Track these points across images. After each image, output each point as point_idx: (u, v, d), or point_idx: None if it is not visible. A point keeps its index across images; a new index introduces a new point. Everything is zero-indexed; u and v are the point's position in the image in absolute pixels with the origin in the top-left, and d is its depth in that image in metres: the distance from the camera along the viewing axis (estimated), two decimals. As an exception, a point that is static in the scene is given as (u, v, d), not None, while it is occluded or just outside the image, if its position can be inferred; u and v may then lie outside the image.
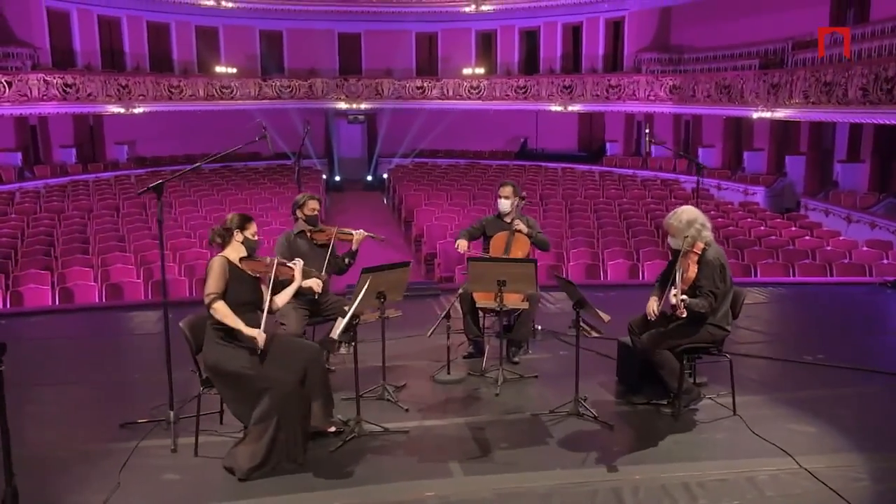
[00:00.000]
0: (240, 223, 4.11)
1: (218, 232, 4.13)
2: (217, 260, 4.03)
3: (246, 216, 4.17)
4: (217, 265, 4.00)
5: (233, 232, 4.09)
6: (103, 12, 20.72)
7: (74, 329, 7.27)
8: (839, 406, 4.79)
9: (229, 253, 4.09)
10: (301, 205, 5.43)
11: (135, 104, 19.38)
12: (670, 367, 4.56)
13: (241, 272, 4.07)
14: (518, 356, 5.83)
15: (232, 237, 4.10)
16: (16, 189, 17.48)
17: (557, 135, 24.20)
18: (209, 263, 4.05)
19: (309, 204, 5.42)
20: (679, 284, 4.31)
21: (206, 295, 3.95)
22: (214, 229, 4.15)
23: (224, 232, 4.11)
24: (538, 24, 24.01)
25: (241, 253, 4.11)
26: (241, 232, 4.10)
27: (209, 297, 3.93)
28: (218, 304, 3.93)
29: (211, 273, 3.99)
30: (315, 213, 5.43)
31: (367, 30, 24.72)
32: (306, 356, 4.16)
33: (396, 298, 4.90)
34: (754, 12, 18.55)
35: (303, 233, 5.43)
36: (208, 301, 3.93)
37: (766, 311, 7.66)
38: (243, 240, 4.11)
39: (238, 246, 4.11)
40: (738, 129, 19.92)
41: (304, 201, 5.43)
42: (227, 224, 4.12)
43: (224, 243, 4.11)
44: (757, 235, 12.24)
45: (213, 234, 4.16)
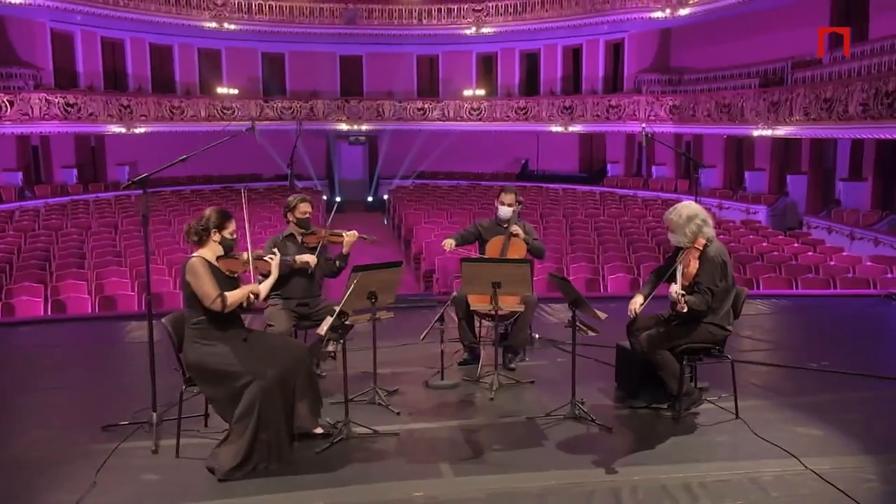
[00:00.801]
0: (218, 222, 3.95)
1: (195, 230, 3.96)
2: (196, 261, 3.87)
3: (225, 213, 4.02)
4: (200, 266, 3.85)
5: (210, 232, 3.94)
6: (107, 34, 20.89)
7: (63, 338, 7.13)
8: (846, 410, 4.63)
9: (205, 252, 3.93)
10: (292, 207, 5.28)
11: (136, 124, 19.44)
12: (670, 368, 4.42)
13: (219, 272, 3.93)
14: (514, 363, 5.69)
15: (209, 237, 3.95)
16: (15, 208, 17.47)
17: (558, 156, 24.22)
18: (188, 266, 3.86)
19: (300, 207, 5.27)
20: (680, 280, 4.18)
21: (211, 301, 3.79)
22: (192, 226, 3.98)
23: (201, 230, 3.95)
24: (538, 47, 24.16)
25: (217, 252, 3.97)
26: (218, 232, 3.95)
27: (217, 301, 3.80)
28: (229, 300, 3.84)
29: (199, 277, 3.82)
30: (306, 215, 5.28)
31: (368, 52, 24.89)
32: (290, 352, 4.04)
33: (388, 300, 4.78)
34: (753, 33, 18.63)
35: (292, 236, 5.31)
36: (219, 305, 3.80)
37: (768, 321, 7.52)
38: (221, 239, 3.96)
39: (215, 245, 3.96)
40: (739, 149, 19.90)
41: (294, 204, 5.28)
42: (204, 223, 3.95)
43: (201, 242, 3.96)
44: (759, 251, 12.12)
45: (189, 232, 3.99)
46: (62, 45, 20.05)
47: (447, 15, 22.98)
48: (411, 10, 23.09)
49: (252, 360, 3.82)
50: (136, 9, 19.59)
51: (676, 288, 4.10)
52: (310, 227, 5.32)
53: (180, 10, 20.62)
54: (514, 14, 22.31)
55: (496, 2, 22.73)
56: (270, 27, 22.23)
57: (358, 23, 22.96)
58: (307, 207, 5.30)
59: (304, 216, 5.26)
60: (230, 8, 21.45)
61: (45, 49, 19.48)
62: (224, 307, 3.82)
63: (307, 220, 5.30)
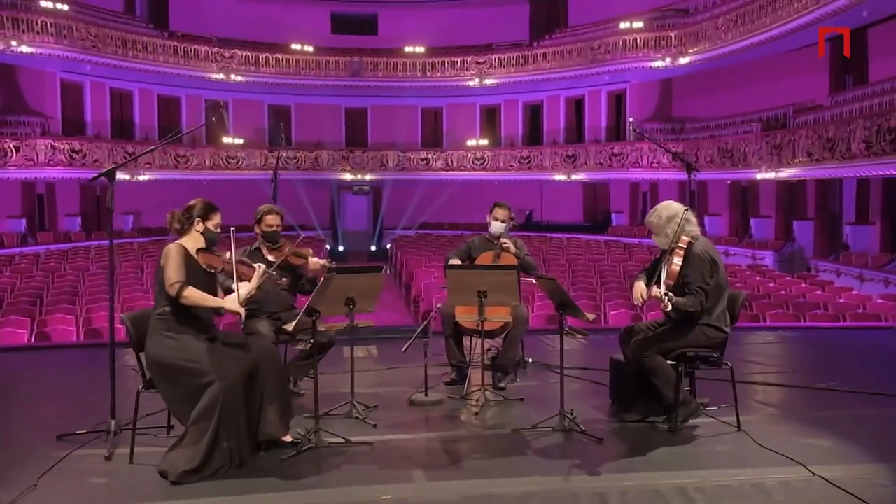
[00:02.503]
0: (203, 212, 3.77)
1: (178, 217, 3.77)
2: (174, 247, 3.68)
3: (211, 204, 3.84)
4: (175, 252, 3.66)
5: (194, 220, 3.76)
6: (116, 85, 21.27)
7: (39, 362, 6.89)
8: (856, 425, 4.30)
9: (186, 242, 3.74)
10: (259, 219, 4.96)
11: (140, 171, 19.56)
12: (665, 374, 4.12)
13: (196, 265, 3.72)
14: (504, 382, 5.38)
15: (192, 226, 3.76)
16: (16, 253, 17.43)
17: (562, 207, 24.16)
18: (165, 251, 3.68)
19: (267, 219, 4.94)
20: (664, 280, 3.94)
21: (169, 284, 3.58)
22: (174, 213, 3.80)
23: (184, 218, 3.76)
24: (541, 99, 24.42)
25: (199, 244, 3.76)
26: (202, 221, 3.77)
27: (175, 286, 3.57)
28: (188, 291, 3.60)
29: (170, 260, 3.63)
30: (273, 228, 4.94)
31: (373, 105, 25.21)
32: (259, 353, 3.78)
33: (368, 308, 4.54)
34: (755, 81, 18.75)
35: (259, 251, 5.05)
36: (175, 290, 3.57)
37: (776, 349, 7.21)
38: (204, 230, 3.78)
39: (197, 236, 3.77)
40: (744, 196, 19.77)
41: (261, 216, 4.96)
42: (188, 211, 3.77)
43: (182, 231, 3.77)
44: (766, 291, 11.80)
45: (171, 219, 3.79)
46: (71, 94, 20.39)
47: (451, 67, 23.33)
48: (415, 62, 23.47)
49: (216, 358, 3.57)
50: (145, 60, 19.98)
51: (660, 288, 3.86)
52: (278, 241, 4.99)
53: (188, 61, 21.03)
54: (517, 66, 22.62)
55: (499, 54, 23.10)
56: (277, 79, 22.59)
57: (363, 75, 23.33)
58: (275, 220, 4.95)
59: (270, 229, 4.93)
60: (237, 60, 21.86)
61: (55, 98, 19.80)
62: (179, 296, 3.58)
63: (275, 234, 4.96)
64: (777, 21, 15.07)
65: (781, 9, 14.98)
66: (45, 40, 17.73)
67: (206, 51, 21.52)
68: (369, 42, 25.04)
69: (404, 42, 24.03)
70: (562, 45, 22.31)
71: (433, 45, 24.10)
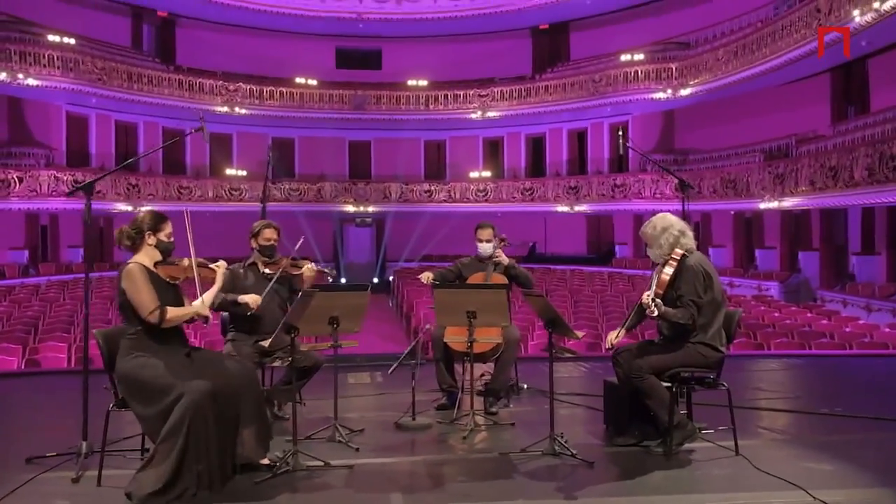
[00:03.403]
0: (152, 224, 3.62)
1: (127, 233, 3.61)
2: (133, 268, 3.52)
3: (159, 215, 3.68)
4: (137, 273, 3.50)
5: (144, 234, 3.60)
6: (121, 118, 21.44)
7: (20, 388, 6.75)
8: (859, 449, 4.12)
9: (142, 258, 3.59)
10: (256, 233, 4.91)
11: (143, 203, 19.58)
12: (659, 395, 3.96)
13: (158, 279, 3.59)
14: (496, 407, 5.21)
15: (143, 240, 3.60)
16: (17, 284, 17.39)
17: (566, 239, 24.05)
18: (125, 272, 3.51)
19: (264, 233, 4.90)
20: (654, 287, 3.82)
21: (148, 313, 3.44)
22: (123, 230, 3.63)
23: (134, 234, 3.60)
24: (544, 131, 24.50)
25: (154, 257, 3.62)
26: (153, 234, 3.61)
27: (155, 314, 3.44)
28: (168, 314, 3.48)
29: (136, 285, 3.47)
30: (270, 242, 4.89)
31: (376, 138, 25.33)
32: (235, 372, 3.64)
33: (353, 329, 4.41)
34: (757, 113, 18.76)
35: (255, 265, 4.97)
36: (157, 317, 3.44)
37: (780, 376, 7.00)
38: (156, 242, 3.62)
39: (151, 250, 3.61)
40: (749, 228, 19.64)
41: (258, 229, 4.92)
42: (138, 225, 3.61)
43: (135, 246, 3.61)
44: (771, 321, 11.60)
45: (121, 236, 3.63)
46: (77, 127, 20.56)
47: (453, 100, 23.48)
48: (418, 95, 23.63)
49: (186, 373, 3.42)
50: (150, 93, 20.17)
51: (648, 293, 3.74)
52: (274, 255, 4.96)
53: (193, 94, 21.22)
54: (519, 98, 22.74)
55: (501, 87, 23.24)
56: (280, 112, 22.76)
57: (366, 109, 23.48)
58: (272, 234, 4.91)
59: (268, 243, 4.89)
60: (242, 93, 22.06)
61: (60, 130, 19.97)
62: (161, 321, 3.47)
63: (272, 248, 4.91)
64: (776, 52, 15.11)
65: (781, 39, 15.04)
66: (52, 73, 17.94)
67: (211, 84, 21.74)
68: (373, 76, 25.27)
69: (408, 76, 24.24)
70: (563, 77, 22.45)
71: (436, 80, 24.30)
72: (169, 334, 3.58)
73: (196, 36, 23.84)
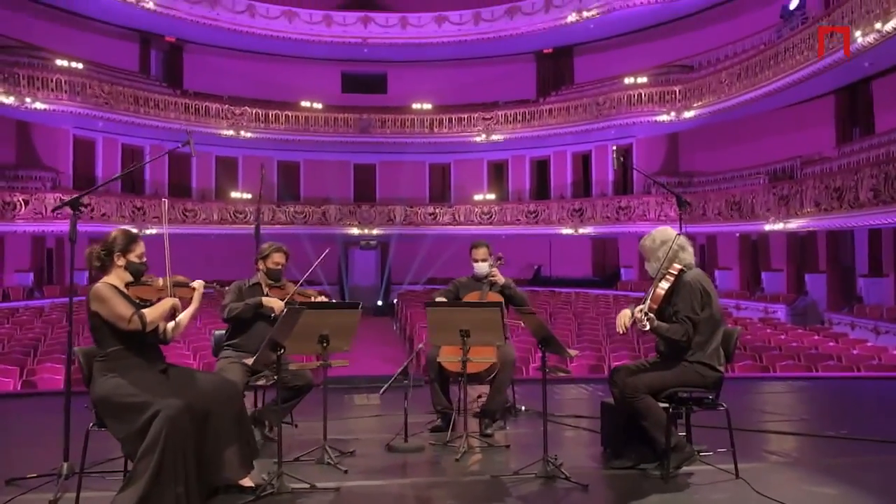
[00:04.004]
0: (123, 245, 3.49)
1: (97, 254, 3.47)
2: (102, 286, 3.39)
3: (131, 235, 3.56)
4: (106, 290, 3.37)
5: (114, 255, 3.47)
6: (127, 142, 21.59)
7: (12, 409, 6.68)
8: (863, 471, 3.98)
9: (112, 279, 3.47)
10: (265, 255, 4.87)
11: (147, 225, 19.62)
12: (655, 416, 3.84)
13: (128, 300, 3.49)
14: (492, 429, 5.08)
15: (113, 262, 3.47)
16: (21, 306, 17.38)
17: (571, 261, 23.95)
18: (93, 293, 3.37)
19: (274, 256, 4.87)
20: (647, 302, 3.73)
21: (127, 321, 3.33)
22: (93, 251, 3.50)
23: (104, 255, 3.47)
24: (548, 154, 24.52)
25: (125, 279, 3.51)
26: (123, 255, 3.48)
27: (135, 319, 3.34)
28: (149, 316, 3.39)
29: (108, 300, 3.35)
30: (279, 267, 4.88)
31: (381, 161, 25.40)
32: (216, 388, 3.54)
33: (343, 347, 4.33)
34: (761, 135, 18.72)
35: (258, 285, 4.92)
36: (137, 324, 3.34)
37: (785, 399, 6.85)
38: (126, 264, 3.49)
39: (121, 271, 3.49)
40: (755, 250, 19.50)
41: (268, 252, 4.88)
42: (108, 245, 3.48)
43: (104, 268, 3.48)
44: (777, 343, 11.43)
45: (90, 257, 3.50)
46: (83, 150, 20.70)
47: (458, 124, 23.56)
48: (423, 119, 23.73)
49: (161, 390, 3.34)
50: (157, 116, 20.32)
51: (640, 307, 3.65)
52: (280, 279, 4.92)
53: (199, 118, 21.36)
54: (523, 121, 22.80)
55: (505, 110, 23.32)
56: (286, 135, 22.87)
57: (371, 132, 23.58)
58: (282, 259, 4.89)
59: (276, 267, 4.87)
60: (247, 117, 22.21)
61: (67, 154, 20.10)
62: (144, 325, 3.38)
63: (279, 273, 4.90)
64: (779, 73, 15.11)
65: (783, 61, 15.04)
66: (59, 97, 18.12)
67: (217, 108, 21.90)
68: (378, 100, 25.41)
69: (412, 100, 24.37)
70: (567, 101, 22.52)
71: (441, 103, 24.42)
72: (143, 352, 3.48)
73: (203, 61, 24.08)
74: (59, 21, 20.55)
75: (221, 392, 3.55)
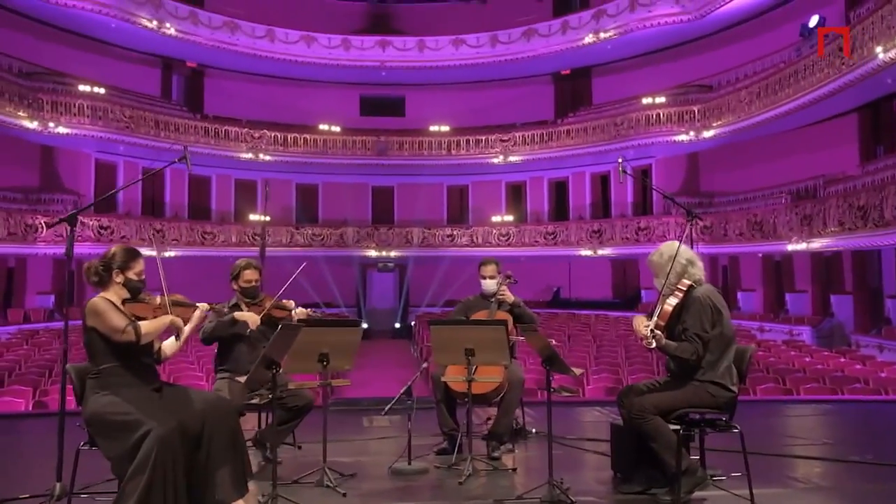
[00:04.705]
0: (122, 261, 3.45)
1: (95, 269, 3.45)
2: (98, 300, 3.36)
3: (131, 251, 3.52)
4: (103, 303, 3.34)
5: (112, 271, 3.44)
6: (148, 165, 21.81)
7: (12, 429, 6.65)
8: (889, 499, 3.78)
9: (109, 295, 3.43)
10: (235, 275, 4.75)
11: (167, 248, 19.79)
12: (665, 439, 3.67)
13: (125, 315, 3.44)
14: (499, 452, 4.92)
15: (111, 278, 3.44)
16: (42, 328, 17.53)
17: (591, 283, 23.68)
18: (89, 306, 3.35)
19: (245, 274, 4.73)
20: (655, 319, 3.58)
21: (121, 332, 3.28)
22: (91, 265, 3.47)
23: (102, 270, 3.44)
24: (566, 175, 24.39)
25: (122, 296, 3.46)
26: (122, 273, 3.44)
27: (129, 330, 3.28)
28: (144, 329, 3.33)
29: (103, 313, 3.31)
30: (251, 283, 4.73)
31: (399, 183, 25.44)
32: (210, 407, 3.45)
33: (344, 367, 4.23)
34: (783, 154, 18.43)
35: (237, 306, 4.82)
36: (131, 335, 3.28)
37: (808, 423, 6.60)
38: (125, 281, 3.45)
39: (118, 288, 3.45)
40: (778, 271, 19.11)
41: (238, 271, 4.75)
42: (107, 261, 3.45)
43: (102, 283, 3.44)
44: (801, 366, 11.11)
45: (88, 272, 3.47)
46: (105, 174, 20.96)
47: (475, 145, 23.56)
48: (440, 141, 23.77)
49: (153, 408, 3.25)
50: (177, 140, 20.56)
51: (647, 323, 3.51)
52: (257, 296, 4.77)
53: (219, 142, 21.60)
54: (541, 142, 22.74)
55: (523, 131, 23.28)
56: (305, 158, 23.01)
57: (389, 154, 23.65)
58: (253, 275, 4.75)
59: (248, 285, 4.72)
60: (266, 140, 22.40)
61: (89, 177, 20.37)
62: (139, 337, 3.31)
63: (253, 290, 4.74)
64: (799, 91, 14.90)
65: (804, 79, 14.84)
66: (81, 121, 18.43)
67: (237, 131, 22.12)
68: (397, 123, 25.52)
69: (430, 122, 24.45)
70: (585, 121, 22.43)
71: (459, 125, 24.47)
72: (137, 369, 3.42)
73: (223, 85, 24.40)
74: (83, 48, 20.96)
75: (216, 411, 3.45)
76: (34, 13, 19.21)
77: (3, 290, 18.77)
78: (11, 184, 18.78)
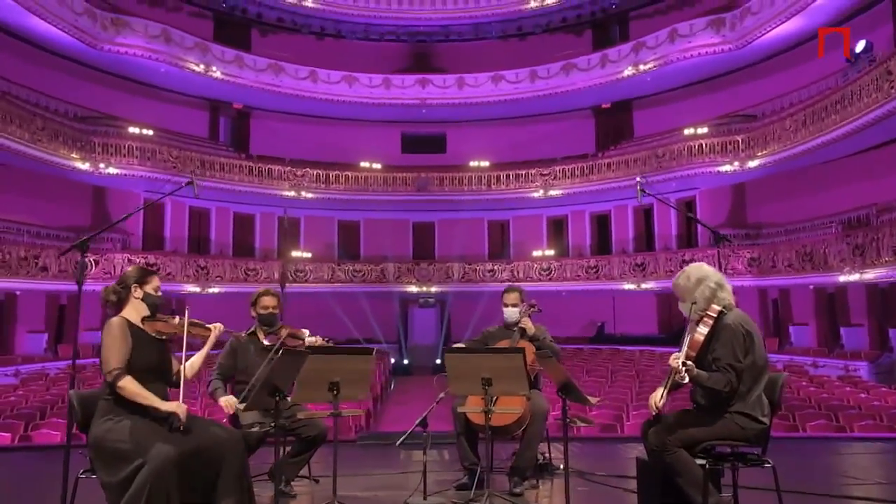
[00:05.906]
0: (138, 277, 3.53)
1: (112, 289, 3.50)
2: (115, 321, 3.39)
3: (145, 269, 3.62)
4: (116, 328, 3.36)
5: (130, 288, 3.49)
6: (195, 204, 22.39)
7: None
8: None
9: (129, 313, 3.47)
10: (254, 302, 4.77)
11: (211, 284, 20.12)
12: (690, 474, 3.43)
13: (144, 335, 3.45)
14: (521, 487, 4.71)
15: (130, 294, 3.49)
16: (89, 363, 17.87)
17: (636, 319, 23.13)
18: (106, 325, 3.38)
19: (262, 300, 4.75)
20: (685, 349, 3.36)
21: (107, 371, 3.30)
22: (108, 287, 3.54)
23: (120, 288, 3.49)
24: (608, 209, 24.07)
25: (142, 312, 3.49)
26: (140, 287, 3.50)
27: (112, 374, 3.28)
28: (124, 381, 3.29)
29: (109, 340, 3.33)
30: (269, 311, 4.72)
31: (440, 219, 25.48)
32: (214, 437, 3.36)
33: (357, 396, 4.12)
34: (834, 184, 17.82)
35: (255, 334, 4.78)
36: (112, 378, 3.28)
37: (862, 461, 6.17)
38: (143, 296, 3.50)
39: (138, 304, 3.49)
40: (832, 304, 18.32)
41: (256, 298, 4.78)
42: (123, 279, 3.52)
43: (120, 302, 3.49)
44: (857, 402, 10.51)
45: (106, 293, 3.52)
46: (153, 213, 21.56)
47: (515, 180, 23.49)
48: (481, 176, 23.79)
49: (155, 439, 3.18)
50: (222, 179, 21.06)
51: (676, 354, 3.27)
52: (275, 323, 4.74)
53: (262, 180, 22.04)
54: (581, 176, 22.55)
55: (563, 165, 23.14)
56: (346, 196, 23.28)
57: (429, 190, 23.75)
58: (271, 301, 4.74)
59: (265, 311, 4.72)
60: (309, 178, 22.77)
61: (137, 216, 20.96)
62: (115, 385, 3.27)
63: (271, 317, 4.73)
64: (847, 118, 14.44)
65: (851, 105, 14.39)
66: (130, 162, 19.06)
67: (280, 170, 22.56)
68: (437, 160, 25.66)
69: (471, 158, 24.54)
70: (626, 154, 22.20)
71: (499, 161, 24.48)
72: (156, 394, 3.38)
73: (268, 126, 24.99)
74: (135, 92, 21.78)
75: (223, 441, 3.37)
76: (89, 59, 20.08)
77: (56, 325, 19.27)
78: (66, 223, 19.45)
